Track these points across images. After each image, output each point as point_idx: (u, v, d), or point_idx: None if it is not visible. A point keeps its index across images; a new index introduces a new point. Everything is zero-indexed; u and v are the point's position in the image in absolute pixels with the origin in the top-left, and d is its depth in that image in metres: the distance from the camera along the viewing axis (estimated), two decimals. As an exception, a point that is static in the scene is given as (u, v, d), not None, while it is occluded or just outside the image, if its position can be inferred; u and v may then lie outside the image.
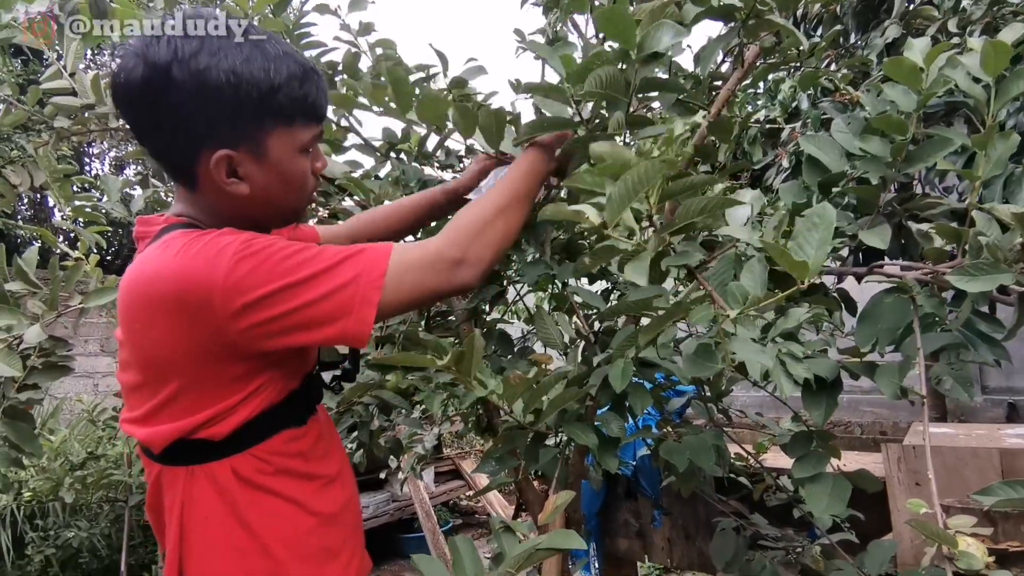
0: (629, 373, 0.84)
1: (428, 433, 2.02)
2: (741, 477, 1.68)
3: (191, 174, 0.76)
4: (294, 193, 0.80)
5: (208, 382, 0.73)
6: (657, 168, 0.59)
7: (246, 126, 0.73)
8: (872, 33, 2.99)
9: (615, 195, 0.60)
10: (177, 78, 0.70)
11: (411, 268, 0.75)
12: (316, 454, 0.84)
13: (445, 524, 4.15)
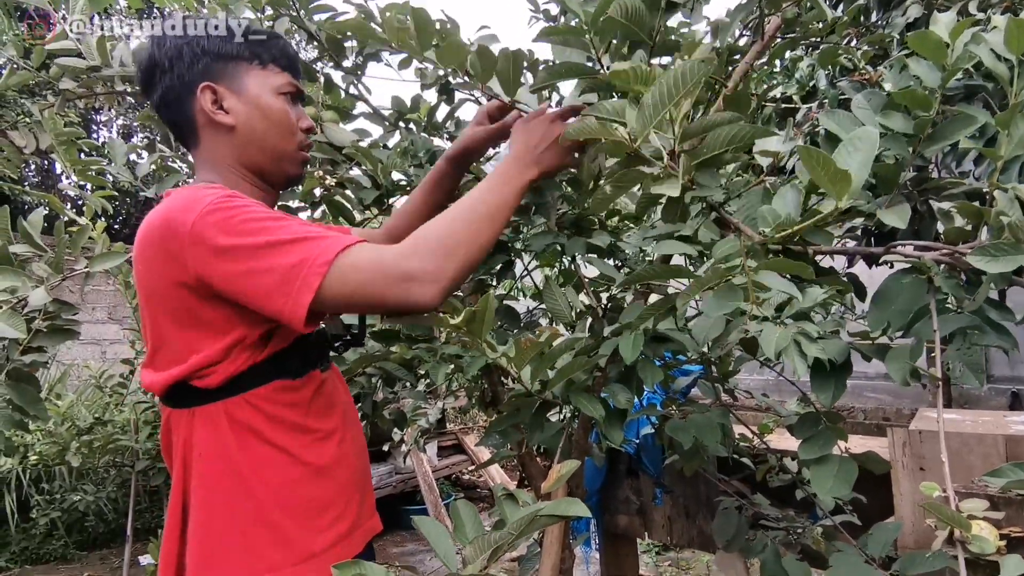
0: (640, 345, 0.83)
1: (432, 407, 2.02)
2: (744, 457, 1.68)
3: (191, 123, 0.87)
4: (276, 130, 0.87)
5: (187, 323, 0.78)
6: (697, 68, 0.56)
7: (224, 65, 0.85)
8: (894, 12, 2.92)
9: (647, 103, 0.57)
10: (168, 45, 0.86)
11: (361, 268, 0.72)
12: (313, 408, 0.87)
13: (447, 497, 4.20)
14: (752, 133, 0.62)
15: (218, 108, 0.85)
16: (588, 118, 0.61)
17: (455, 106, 1.43)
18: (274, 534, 0.81)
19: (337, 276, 0.71)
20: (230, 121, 0.85)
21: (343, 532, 0.87)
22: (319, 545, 0.83)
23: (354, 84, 1.51)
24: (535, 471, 1.50)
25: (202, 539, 0.81)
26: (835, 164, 0.54)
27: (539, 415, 0.93)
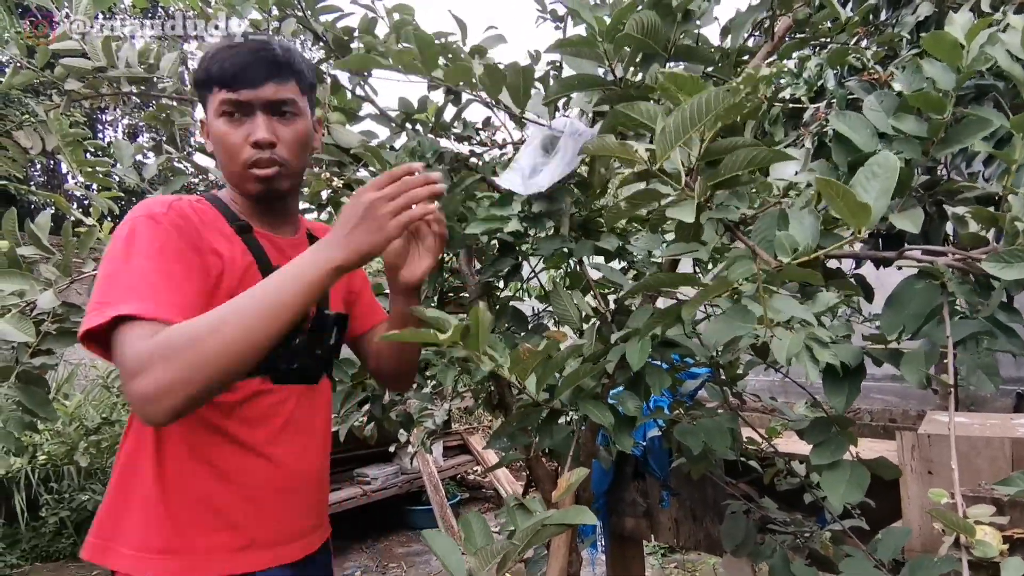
0: (647, 351, 0.82)
1: (439, 408, 2.02)
2: (752, 461, 1.67)
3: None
4: (222, 155, 0.90)
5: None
6: (726, 96, 0.55)
7: (203, 96, 0.90)
8: (903, 10, 2.90)
9: (671, 125, 0.57)
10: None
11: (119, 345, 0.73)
12: (239, 414, 0.87)
13: (453, 498, 4.20)
14: (770, 157, 0.61)
15: (206, 138, 0.93)
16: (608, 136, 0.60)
17: (462, 107, 1.42)
18: (169, 519, 0.83)
19: (115, 335, 0.73)
20: (210, 147, 0.93)
21: (231, 544, 0.86)
22: (201, 545, 0.84)
23: (360, 85, 1.51)
24: (542, 473, 1.49)
25: (110, 501, 0.87)
26: (855, 197, 0.54)
27: (548, 422, 0.92)
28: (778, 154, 0.62)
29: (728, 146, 0.61)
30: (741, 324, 0.62)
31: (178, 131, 1.78)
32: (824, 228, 0.67)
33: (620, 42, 0.74)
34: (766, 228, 0.67)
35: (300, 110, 0.90)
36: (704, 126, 0.56)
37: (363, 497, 3.79)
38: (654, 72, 0.73)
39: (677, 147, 0.58)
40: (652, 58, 0.75)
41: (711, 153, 0.62)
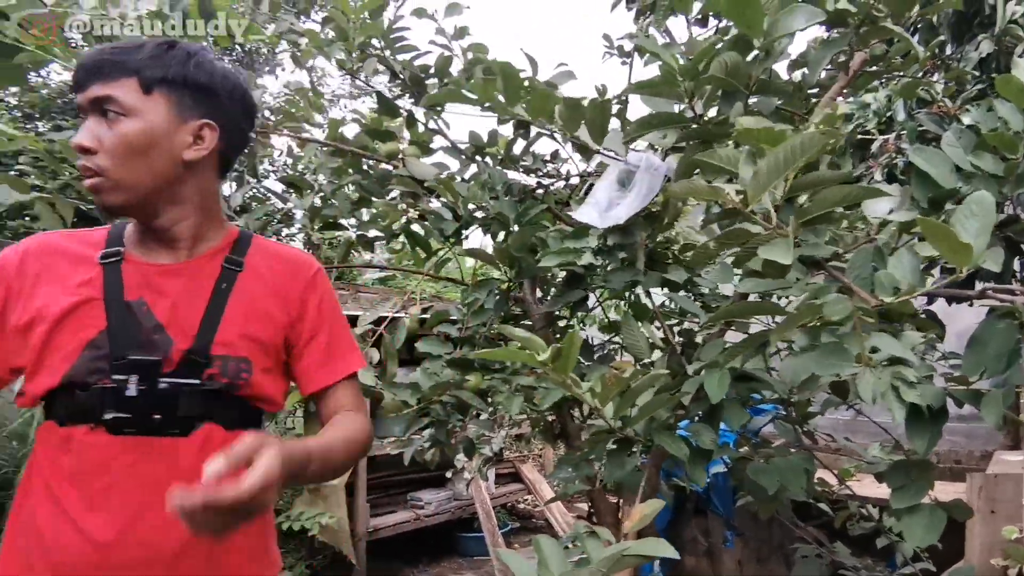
0: (726, 384, 0.82)
1: (497, 435, 2.03)
2: (821, 503, 1.61)
3: None
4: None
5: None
6: (817, 140, 0.56)
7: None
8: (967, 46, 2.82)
9: (763, 169, 0.58)
10: None
11: None
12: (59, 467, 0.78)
13: (503, 527, 4.17)
14: (863, 194, 0.61)
15: None
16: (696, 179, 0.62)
17: (532, 140, 1.46)
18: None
19: None
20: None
21: None
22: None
23: (434, 119, 1.58)
24: (604, 507, 1.48)
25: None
26: (957, 237, 0.53)
27: (619, 452, 0.92)
28: (872, 191, 0.62)
29: (813, 182, 0.62)
30: (836, 361, 0.62)
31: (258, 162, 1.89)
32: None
33: (701, 81, 0.75)
34: (860, 265, 0.66)
35: (129, 109, 0.77)
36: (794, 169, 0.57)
37: (416, 521, 3.81)
38: (737, 111, 0.74)
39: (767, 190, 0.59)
40: (733, 95, 0.76)
41: (796, 189, 0.63)
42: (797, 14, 0.70)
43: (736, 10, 0.70)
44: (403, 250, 1.48)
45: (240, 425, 0.85)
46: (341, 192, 1.51)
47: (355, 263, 1.81)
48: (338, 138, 1.56)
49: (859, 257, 0.67)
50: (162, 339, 0.80)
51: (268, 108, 1.81)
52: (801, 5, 0.71)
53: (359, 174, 1.50)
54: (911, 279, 0.62)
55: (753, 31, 0.72)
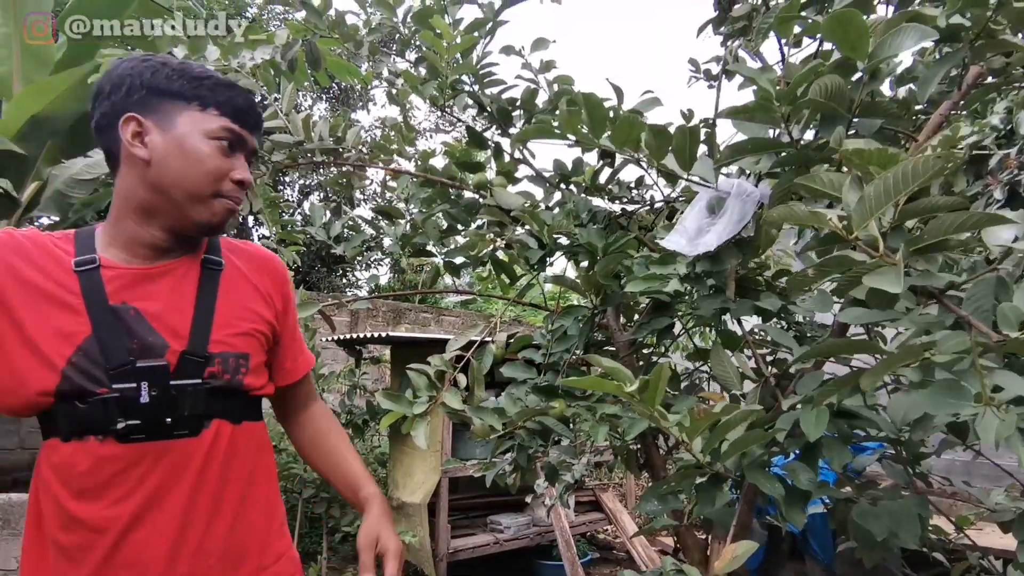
0: (824, 421, 0.77)
1: (578, 462, 2.01)
2: (936, 552, 1.47)
3: (115, 152, 0.85)
4: (192, 171, 0.82)
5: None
6: (933, 164, 0.53)
7: (160, 101, 0.83)
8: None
9: (871, 194, 0.55)
10: (116, 72, 0.84)
11: None
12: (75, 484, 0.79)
13: (583, 556, 4.08)
14: (984, 221, 0.57)
15: (137, 141, 0.82)
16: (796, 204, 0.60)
17: (618, 167, 1.46)
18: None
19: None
20: (145, 155, 0.81)
21: None
22: None
23: (519, 149, 1.61)
24: (692, 543, 1.42)
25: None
26: None
27: (710, 488, 0.89)
28: (993, 217, 0.57)
29: (926, 208, 0.58)
30: (953, 400, 0.57)
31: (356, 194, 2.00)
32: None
33: (800, 105, 0.73)
34: (981, 297, 0.61)
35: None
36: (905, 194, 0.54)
37: (496, 545, 3.80)
38: (839, 135, 0.71)
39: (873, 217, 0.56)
40: (834, 120, 0.73)
41: (905, 216, 0.59)
42: (906, 35, 0.67)
43: (839, 31, 0.67)
44: (489, 276, 1.51)
45: (245, 416, 0.90)
46: (431, 220, 1.56)
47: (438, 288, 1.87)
48: (428, 169, 1.63)
49: (979, 288, 0.62)
50: (156, 341, 0.82)
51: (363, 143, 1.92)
52: (910, 25, 0.67)
53: (448, 203, 1.55)
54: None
55: (857, 53, 0.69)
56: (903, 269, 0.56)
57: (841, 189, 0.59)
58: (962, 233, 0.56)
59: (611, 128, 0.88)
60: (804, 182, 0.61)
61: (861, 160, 0.57)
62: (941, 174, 0.54)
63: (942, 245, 0.59)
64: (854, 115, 0.74)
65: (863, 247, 0.58)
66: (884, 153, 0.57)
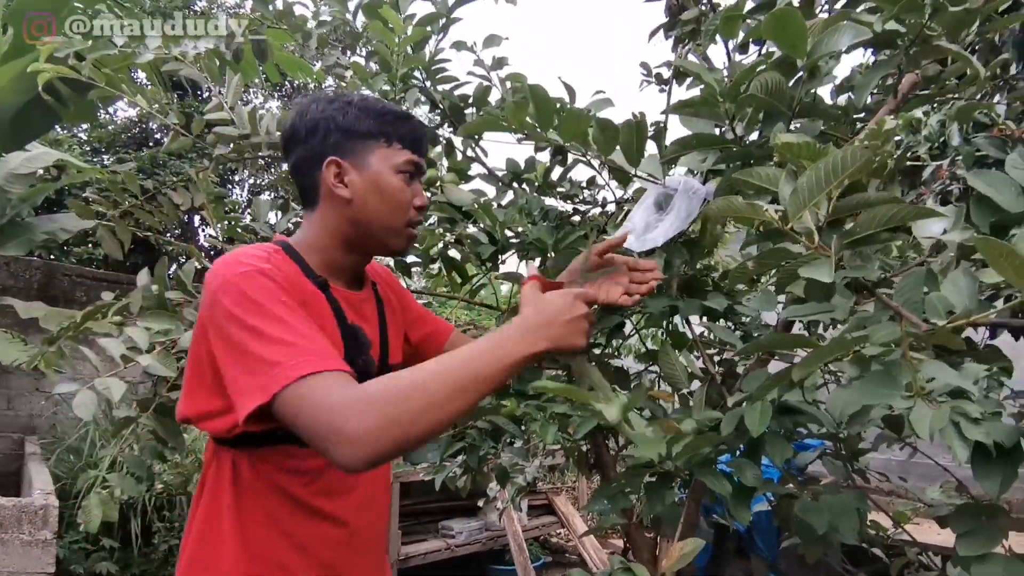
0: (768, 417, 0.78)
1: (531, 464, 1.99)
2: (875, 548, 1.52)
3: (314, 190, 0.93)
4: (387, 206, 0.91)
5: (197, 369, 0.83)
6: (861, 155, 0.53)
7: (353, 142, 0.91)
8: (1036, 65, 2.71)
9: (804, 185, 0.55)
10: (308, 118, 0.93)
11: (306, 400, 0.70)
12: (321, 483, 0.86)
13: (536, 560, 4.07)
14: (913, 214, 0.58)
15: (339, 182, 0.90)
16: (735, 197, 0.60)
17: (569, 166, 1.46)
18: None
19: (290, 396, 0.70)
20: (347, 195, 0.90)
21: None
22: None
23: (472, 147, 1.59)
24: (641, 542, 1.43)
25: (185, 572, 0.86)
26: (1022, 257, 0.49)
27: (660, 486, 0.89)
28: (923, 211, 0.59)
29: (859, 203, 0.59)
30: (884, 391, 0.58)
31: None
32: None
33: (742, 102, 0.74)
34: (910, 289, 0.63)
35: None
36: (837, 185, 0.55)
37: (447, 551, 3.76)
38: (778, 131, 0.72)
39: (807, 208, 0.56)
40: (776, 117, 0.74)
41: (839, 211, 0.60)
42: (842, 33, 0.68)
43: (777, 29, 0.68)
44: (440, 275, 1.48)
45: None
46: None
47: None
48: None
49: (909, 280, 0.63)
50: (370, 360, 0.93)
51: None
52: (846, 24, 0.69)
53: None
54: (967, 303, 0.58)
55: (796, 51, 0.70)
56: (835, 259, 0.56)
57: (778, 184, 0.60)
58: (893, 225, 0.57)
59: (559, 121, 0.87)
60: (742, 177, 0.62)
61: (791, 153, 0.58)
62: (870, 166, 0.55)
63: (874, 238, 0.60)
64: (795, 114, 0.75)
65: (799, 239, 0.59)
66: (812, 147, 0.58)
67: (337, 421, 0.67)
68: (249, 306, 0.76)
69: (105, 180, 1.83)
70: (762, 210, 0.57)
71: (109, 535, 3.56)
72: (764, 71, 0.71)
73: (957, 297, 0.59)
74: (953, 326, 0.57)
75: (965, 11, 0.85)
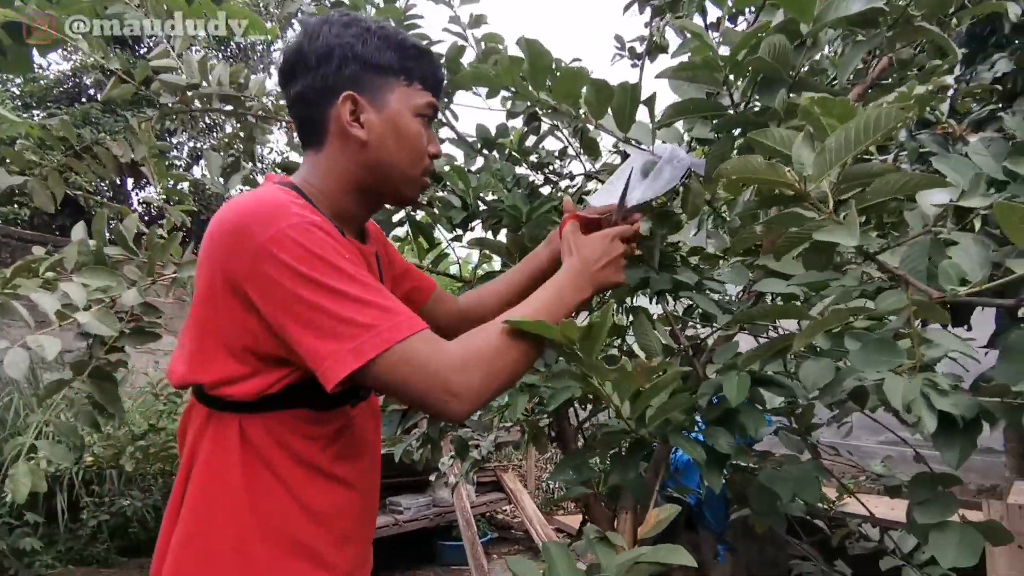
0: (747, 387, 0.78)
1: (486, 439, 1.98)
2: (818, 519, 1.58)
3: (322, 125, 0.83)
4: (406, 152, 0.83)
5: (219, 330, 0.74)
6: (893, 116, 0.52)
7: (372, 76, 0.81)
8: (980, 66, 2.84)
9: (831, 146, 0.54)
10: (321, 42, 0.81)
11: (411, 363, 0.69)
12: (334, 448, 0.81)
13: (483, 536, 4.09)
14: (925, 182, 0.58)
15: (355, 120, 0.81)
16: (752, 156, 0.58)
17: (542, 135, 1.43)
18: (249, 566, 0.75)
19: (389, 360, 0.68)
20: (363, 136, 0.81)
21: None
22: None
23: (442, 110, 1.54)
24: (599, 515, 1.43)
25: (181, 549, 0.77)
26: None
27: (631, 455, 0.88)
28: (932, 179, 0.59)
29: (867, 171, 0.59)
30: (888, 358, 0.58)
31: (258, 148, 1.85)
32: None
33: (743, 66, 0.72)
34: (916, 257, 0.63)
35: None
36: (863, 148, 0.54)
37: (395, 527, 3.73)
38: (781, 98, 0.71)
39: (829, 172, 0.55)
40: (775, 84, 0.73)
41: (849, 178, 0.60)
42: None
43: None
44: (405, 240, 1.43)
45: None
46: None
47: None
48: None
49: (915, 249, 0.64)
50: None
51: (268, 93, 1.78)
52: (856, -11, 0.68)
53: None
54: (980, 269, 0.59)
55: (804, 15, 0.69)
56: (857, 223, 0.56)
57: (791, 147, 0.59)
58: (904, 193, 0.57)
59: (552, 80, 0.84)
60: (758, 137, 0.60)
61: (823, 110, 0.56)
62: (898, 128, 0.54)
63: (884, 206, 0.60)
64: (794, 83, 0.74)
65: (814, 203, 0.58)
66: (846, 104, 0.57)
67: (447, 382, 0.69)
68: (317, 264, 0.69)
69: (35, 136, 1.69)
70: (782, 172, 0.56)
71: (33, 509, 3.35)
72: (768, 36, 0.70)
73: (970, 264, 0.59)
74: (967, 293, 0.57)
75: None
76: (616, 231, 0.90)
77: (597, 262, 0.86)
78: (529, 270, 1.05)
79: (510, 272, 1.08)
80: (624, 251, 0.90)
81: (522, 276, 1.06)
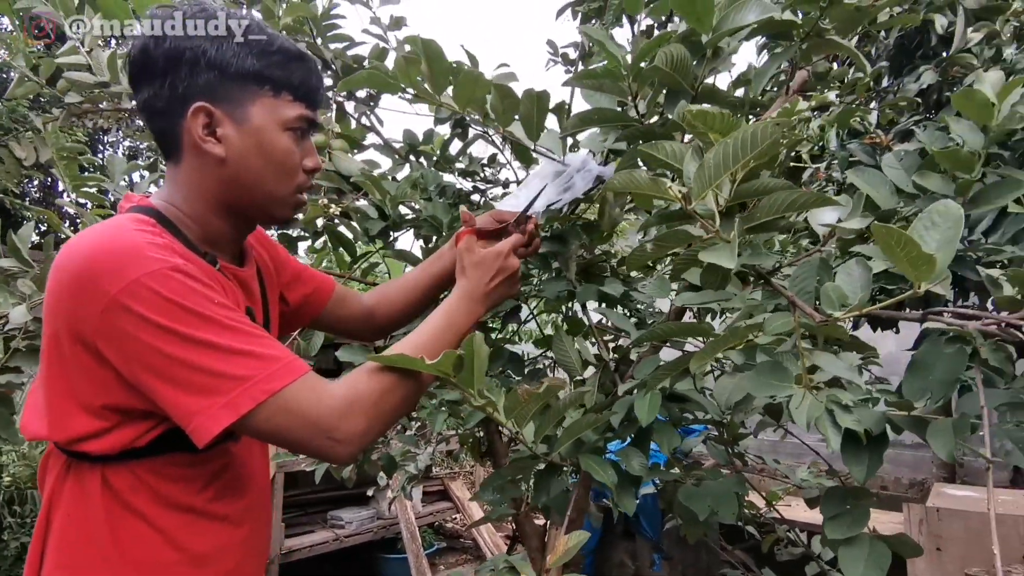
0: (657, 406, 0.76)
1: (422, 452, 1.93)
2: (749, 526, 1.59)
3: (175, 138, 0.74)
4: (272, 170, 0.75)
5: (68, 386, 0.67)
6: (772, 132, 0.51)
7: (229, 85, 0.72)
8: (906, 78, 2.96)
9: (710, 161, 0.52)
10: (168, 45, 0.72)
11: (292, 413, 0.65)
12: (213, 487, 0.75)
13: (430, 547, 4.02)
14: (813, 201, 0.57)
15: (209, 134, 0.72)
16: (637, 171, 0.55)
17: (469, 141, 1.39)
18: None
19: (267, 411, 0.64)
20: (220, 152, 0.73)
21: None
22: None
23: (366, 115, 1.49)
24: (530, 530, 1.40)
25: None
26: (919, 247, 0.49)
27: (546, 477, 0.85)
28: (824, 199, 0.57)
29: (760, 188, 0.57)
30: (775, 382, 0.57)
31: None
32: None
33: (646, 76, 0.70)
34: (805, 278, 0.62)
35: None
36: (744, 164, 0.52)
37: (336, 542, 3.61)
38: (681, 109, 0.69)
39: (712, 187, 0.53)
40: (678, 95, 0.71)
41: (740, 195, 0.58)
42: (748, 9, 0.66)
43: (685, 2, 0.65)
44: (324, 250, 1.37)
45: None
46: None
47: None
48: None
49: (804, 269, 0.63)
50: None
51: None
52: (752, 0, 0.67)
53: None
54: (861, 292, 0.58)
55: (702, 25, 0.67)
56: (737, 245, 0.54)
57: (683, 160, 0.56)
58: (792, 213, 0.56)
59: (454, 84, 0.80)
60: (647, 150, 0.58)
61: (704, 123, 0.55)
62: (778, 146, 0.53)
63: (773, 224, 0.59)
64: (697, 95, 0.72)
65: (701, 221, 0.56)
66: (726, 118, 0.55)
67: (330, 429, 0.66)
68: (180, 314, 0.63)
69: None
70: (665, 187, 0.53)
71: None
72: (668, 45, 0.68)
73: (851, 288, 0.58)
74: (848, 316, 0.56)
75: (856, 8, 0.86)
76: (509, 244, 0.88)
77: (490, 282, 0.85)
78: (436, 270, 1.02)
79: (416, 270, 1.05)
80: (518, 268, 0.88)
81: (427, 276, 1.03)
